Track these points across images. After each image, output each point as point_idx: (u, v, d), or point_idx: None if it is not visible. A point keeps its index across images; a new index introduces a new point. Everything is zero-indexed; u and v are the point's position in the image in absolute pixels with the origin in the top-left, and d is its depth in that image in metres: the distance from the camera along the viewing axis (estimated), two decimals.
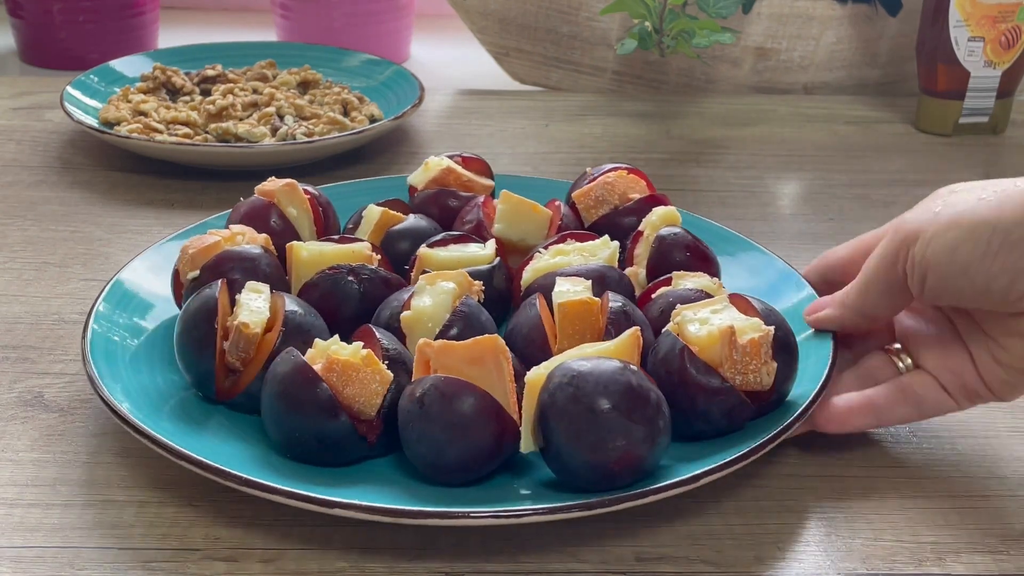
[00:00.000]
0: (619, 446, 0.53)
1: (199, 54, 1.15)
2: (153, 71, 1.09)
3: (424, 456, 0.55)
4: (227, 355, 0.60)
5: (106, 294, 0.68)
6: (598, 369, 0.54)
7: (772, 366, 0.59)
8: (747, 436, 0.58)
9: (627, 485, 0.54)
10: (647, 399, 0.54)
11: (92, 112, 1.02)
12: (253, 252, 0.66)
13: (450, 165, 0.78)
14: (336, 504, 0.52)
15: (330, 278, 0.65)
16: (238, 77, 1.10)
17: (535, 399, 0.55)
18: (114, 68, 1.11)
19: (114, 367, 0.62)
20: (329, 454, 0.56)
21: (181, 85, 1.07)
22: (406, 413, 0.55)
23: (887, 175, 1.00)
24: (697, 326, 0.59)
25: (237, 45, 1.18)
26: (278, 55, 1.16)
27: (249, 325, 0.60)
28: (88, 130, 0.97)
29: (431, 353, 0.57)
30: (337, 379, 0.56)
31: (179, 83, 1.07)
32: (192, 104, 1.04)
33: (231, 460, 0.55)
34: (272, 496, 0.53)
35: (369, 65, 1.14)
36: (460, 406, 0.54)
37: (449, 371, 0.56)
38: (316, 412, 0.56)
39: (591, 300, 0.61)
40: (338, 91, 1.07)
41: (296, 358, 0.57)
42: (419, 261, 0.68)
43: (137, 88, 1.07)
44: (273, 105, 1.02)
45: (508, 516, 0.52)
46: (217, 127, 0.98)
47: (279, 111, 1.02)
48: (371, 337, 0.60)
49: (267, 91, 1.05)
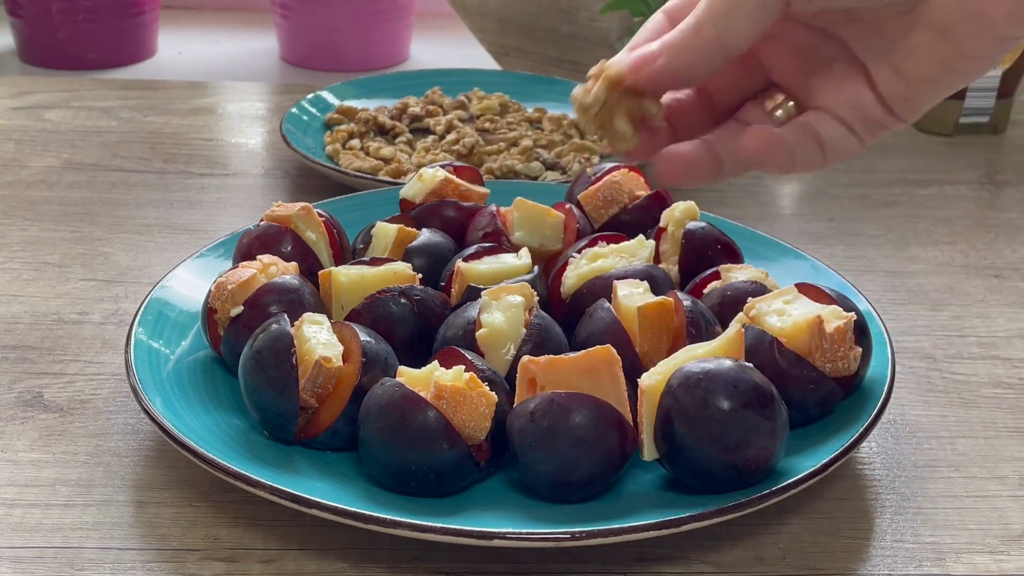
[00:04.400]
0: (756, 444, 0.53)
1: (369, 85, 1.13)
2: (356, 115, 1.05)
3: (551, 475, 0.54)
4: (302, 392, 0.57)
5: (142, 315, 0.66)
6: (721, 369, 0.53)
7: (857, 351, 0.59)
8: (838, 422, 0.58)
9: (758, 483, 0.54)
10: (772, 395, 0.54)
11: (301, 143, 0.98)
12: (294, 283, 0.64)
13: (447, 176, 0.77)
14: (488, 535, 0.51)
15: (381, 302, 0.63)
16: (436, 109, 1.06)
17: (655, 405, 0.54)
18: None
19: (157, 378, 0.61)
20: (444, 483, 0.55)
21: (392, 126, 1.04)
22: (526, 433, 0.54)
23: (887, 175, 1.00)
24: (775, 318, 0.59)
25: (394, 76, 1.16)
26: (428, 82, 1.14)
27: (331, 359, 0.57)
28: (317, 165, 0.93)
29: (537, 370, 0.55)
30: (447, 406, 0.54)
31: (387, 123, 1.04)
32: (401, 144, 1.01)
33: (327, 493, 0.54)
34: (393, 530, 0.51)
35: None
36: (584, 420, 0.53)
37: (559, 386, 0.54)
38: (431, 441, 0.54)
39: (667, 301, 0.61)
40: (519, 111, 1.06)
41: (403, 388, 0.55)
42: (459, 276, 0.66)
43: (346, 131, 1.02)
44: (515, 137, 1.00)
45: (662, 527, 0.51)
46: (502, 166, 0.95)
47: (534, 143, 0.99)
48: (461, 358, 0.58)
49: (501, 122, 1.03)
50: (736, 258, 0.71)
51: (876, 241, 0.88)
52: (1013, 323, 0.76)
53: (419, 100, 1.08)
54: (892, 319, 0.74)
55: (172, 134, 1.06)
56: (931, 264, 0.84)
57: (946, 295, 0.80)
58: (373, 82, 1.13)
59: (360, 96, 1.10)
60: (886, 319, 0.67)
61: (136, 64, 1.37)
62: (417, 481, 0.54)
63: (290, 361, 0.57)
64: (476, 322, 0.61)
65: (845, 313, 0.59)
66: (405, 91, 1.11)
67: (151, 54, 1.40)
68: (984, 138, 1.08)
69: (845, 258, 0.85)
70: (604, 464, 0.54)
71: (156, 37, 1.38)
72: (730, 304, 0.63)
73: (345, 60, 1.35)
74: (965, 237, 0.88)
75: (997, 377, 0.70)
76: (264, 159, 1.02)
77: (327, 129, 1.04)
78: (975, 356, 0.72)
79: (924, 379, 0.70)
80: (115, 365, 0.69)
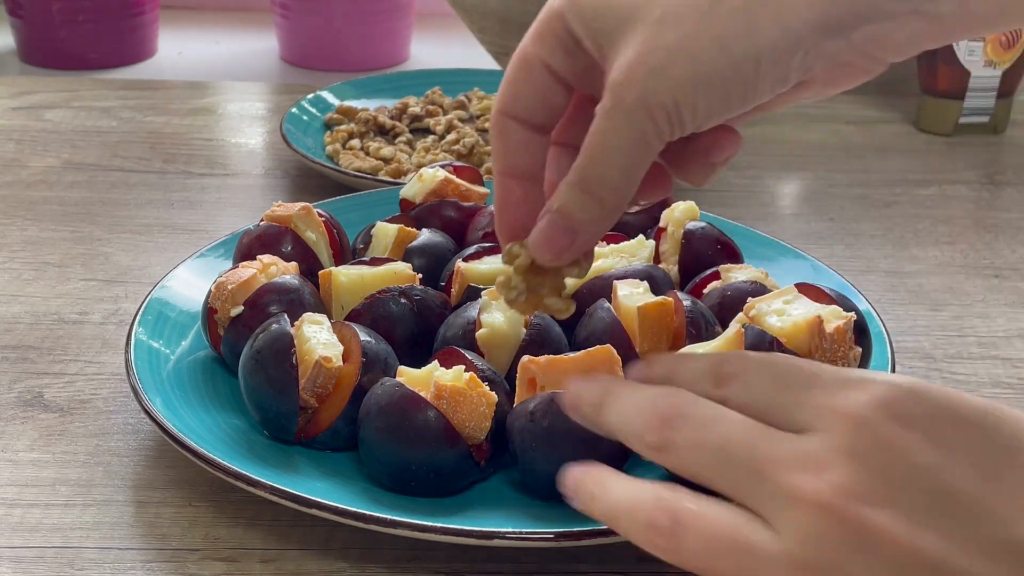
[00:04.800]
0: None
1: (370, 85, 1.13)
2: (356, 115, 1.05)
3: (551, 475, 0.52)
4: (302, 392, 0.57)
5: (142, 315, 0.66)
6: None
7: (857, 351, 0.59)
8: None
9: None
10: None
11: (301, 143, 0.97)
12: (294, 283, 0.64)
13: (447, 176, 0.77)
14: (489, 534, 0.51)
15: (381, 302, 0.63)
16: (436, 109, 1.06)
17: None
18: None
19: (157, 379, 0.61)
20: (444, 483, 0.55)
21: (392, 126, 1.04)
22: (526, 433, 0.54)
23: (887, 175, 1.00)
24: (775, 318, 0.59)
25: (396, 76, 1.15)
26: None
27: (331, 359, 0.57)
28: (317, 165, 0.93)
29: (537, 370, 0.55)
30: (447, 406, 0.54)
31: (387, 123, 1.04)
32: (401, 144, 1.01)
33: (327, 493, 0.54)
34: (393, 530, 0.51)
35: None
36: None
37: (559, 386, 0.54)
38: (431, 441, 0.54)
39: (667, 301, 0.61)
40: None
41: (403, 388, 0.55)
42: (459, 276, 0.66)
43: (346, 131, 1.02)
44: None
45: None
46: None
47: None
48: (462, 358, 0.58)
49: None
50: (736, 258, 0.71)
51: (876, 241, 0.88)
52: (1013, 323, 0.76)
53: (419, 100, 1.08)
54: (892, 319, 0.74)
55: (172, 134, 1.06)
56: (931, 264, 0.84)
57: (946, 295, 0.80)
58: (373, 82, 1.13)
59: (360, 96, 1.10)
60: (886, 319, 0.67)
61: (136, 64, 1.37)
62: (417, 481, 0.54)
63: (290, 361, 0.57)
64: (476, 322, 0.61)
65: (845, 313, 0.59)
66: (405, 91, 1.11)
67: (151, 54, 1.40)
68: (984, 138, 1.08)
69: (845, 258, 0.85)
70: (604, 464, 0.54)
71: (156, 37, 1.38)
72: (730, 304, 0.63)
73: (345, 60, 1.35)
74: (965, 237, 0.88)
75: (997, 377, 0.70)
76: (264, 159, 1.02)
77: (327, 129, 1.04)
78: (975, 356, 0.72)
79: (924, 379, 0.70)
80: (115, 365, 0.69)
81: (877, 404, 0.38)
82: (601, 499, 0.43)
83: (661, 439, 0.41)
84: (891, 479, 0.36)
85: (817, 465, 0.37)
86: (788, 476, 0.37)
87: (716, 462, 0.40)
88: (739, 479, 0.39)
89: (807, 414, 0.39)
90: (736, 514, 0.39)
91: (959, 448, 0.36)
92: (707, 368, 0.43)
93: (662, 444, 0.41)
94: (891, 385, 0.38)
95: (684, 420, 0.41)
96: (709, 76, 0.41)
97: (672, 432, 0.41)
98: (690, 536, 0.39)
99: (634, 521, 0.41)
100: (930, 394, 0.38)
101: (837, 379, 0.40)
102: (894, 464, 0.36)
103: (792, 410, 0.39)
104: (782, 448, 0.38)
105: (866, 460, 0.37)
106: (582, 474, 0.45)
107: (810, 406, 0.39)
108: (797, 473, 0.37)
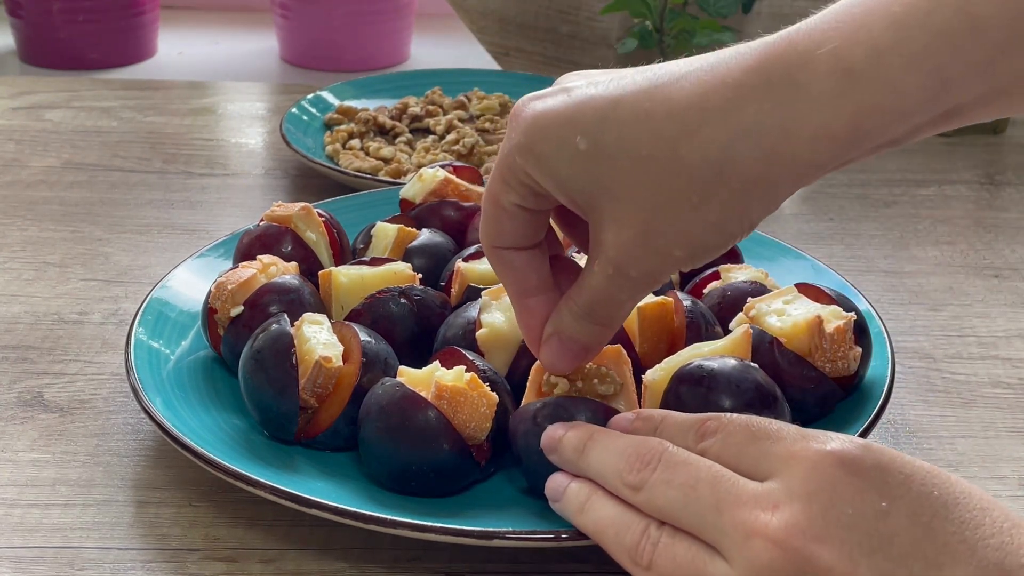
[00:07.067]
0: None
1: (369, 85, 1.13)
2: (356, 115, 1.05)
3: None
4: (302, 392, 0.57)
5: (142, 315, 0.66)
6: (724, 369, 0.54)
7: (857, 351, 0.59)
8: (838, 422, 0.58)
9: None
10: (775, 396, 0.54)
11: (301, 144, 0.97)
12: (294, 283, 0.64)
13: (447, 176, 0.77)
14: (492, 535, 0.51)
15: (381, 302, 0.63)
16: (436, 109, 1.06)
17: (659, 402, 0.55)
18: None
19: (157, 379, 0.61)
20: (444, 483, 0.55)
21: (392, 126, 1.03)
22: (530, 436, 0.53)
23: (887, 175, 1.00)
24: (775, 318, 0.59)
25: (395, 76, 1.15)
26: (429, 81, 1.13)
27: (331, 359, 0.57)
28: (320, 166, 0.93)
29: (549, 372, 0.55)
30: (447, 406, 0.54)
31: (387, 124, 1.03)
32: (401, 144, 1.01)
33: (328, 492, 0.54)
34: (393, 530, 0.51)
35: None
36: (587, 423, 0.52)
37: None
38: (432, 441, 0.54)
39: (667, 301, 0.61)
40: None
41: (403, 388, 0.54)
42: (459, 276, 0.66)
43: (346, 131, 1.02)
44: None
45: None
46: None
47: None
48: (462, 358, 0.58)
49: (501, 122, 1.02)
50: (736, 258, 0.71)
51: (876, 241, 0.88)
52: (1013, 323, 0.76)
53: (419, 100, 1.08)
54: (892, 319, 0.74)
55: (172, 134, 1.06)
56: (931, 264, 0.84)
57: (946, 295, 0.80)
58: (373, 82, 1.13)
59: (360, 96, 1.10)
60: (886, 319, 0.67)
61: (136, 64, 1.37)
62: (417, 481, 0.54)
63: (290, 361, 0.57)
64: (476, 322, 0.61)
65: (845, 313, 0.59)
66: (405, 91, 1.11)
67: (151, 54, 1.40)
68: (984, 138, 1.08)
69: (845, 258, 0.85)
70: None
71: (156, 37, 1.38)
72: (730, 304, 0.63)
73: (345, 60, 1.35)
74: (965, 237, 0.88)
75: (997, 377, 0.70)
76: (264, 159, 1.02)
77: (327, 129, 1.04)
78: (975, 356, 0.72)
79: (924, 379, 0.70)
80: (115, 365, 0.69)
81: (830, 452, 0.42)
82: (591, 513, 0.48)
83: (639, 479, 0.46)
84: (837, 519, 0.41)
85: (772, 504, 0.42)
86: (744, 513, 0.42)
87: (683, 498, 0.44)
88: (703, 515, 0.44)
89: (771, 462, 0.44)
90: (698, 548, 0.44)
91: (899, 499, 0.41)
92: (692, 423, 0.48)
93: (639, 483, 0.46)
94: (847, 440, 0.43)
95: (660, 462, 0.46)
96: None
97: (648, 472, 0.46)
98: (659, 563, 0.44)
99: (620, 542, 0.46)
100: (880, 451, 0.43)
101: (801, 434, 0.45)
102: (841, 506, 0.41)
103: (760, 460, 0.44)
104: (744, 490, 0.43)
105: (816, 500, 0.41)
106: (577, 486, 0.49)
107: (774, 455, 0.44)
108: (753, 511, 0.42)
